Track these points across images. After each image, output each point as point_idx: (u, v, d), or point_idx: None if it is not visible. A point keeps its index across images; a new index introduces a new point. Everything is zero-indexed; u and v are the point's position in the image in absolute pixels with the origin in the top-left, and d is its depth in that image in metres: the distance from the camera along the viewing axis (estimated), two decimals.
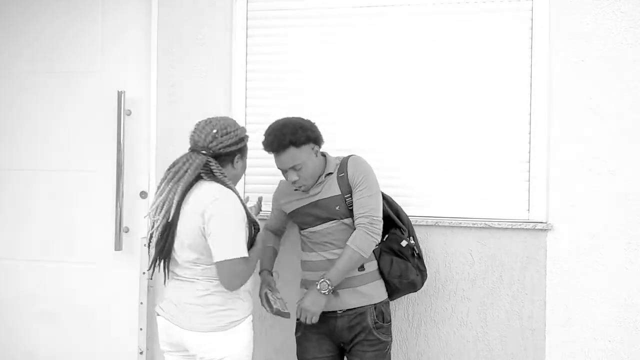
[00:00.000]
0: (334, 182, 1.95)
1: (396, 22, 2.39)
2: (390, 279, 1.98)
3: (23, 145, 2.69)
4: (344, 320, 1.91)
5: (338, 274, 1.86)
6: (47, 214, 2.66)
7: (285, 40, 2.48)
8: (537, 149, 2.27)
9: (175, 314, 1.74)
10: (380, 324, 1.92)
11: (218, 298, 1.71)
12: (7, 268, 2.71)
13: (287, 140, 1.86)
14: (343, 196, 1.91)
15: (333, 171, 1.96)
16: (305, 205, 1.98)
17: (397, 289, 2.01)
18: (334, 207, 1.92)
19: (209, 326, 1.69)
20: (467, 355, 2.31)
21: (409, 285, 2.02)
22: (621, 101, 2.20)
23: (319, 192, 1.96)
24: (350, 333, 1.91)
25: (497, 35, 2.31)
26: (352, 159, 1.97)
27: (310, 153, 1.91)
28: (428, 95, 2.36)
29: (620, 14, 2.20)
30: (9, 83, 2.70)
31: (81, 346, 2.63)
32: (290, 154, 1.87)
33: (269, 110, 2.49)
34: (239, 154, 1.80)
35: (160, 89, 2.52)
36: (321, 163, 1.97)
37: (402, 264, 1.98)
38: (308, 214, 1.98)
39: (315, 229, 1.97)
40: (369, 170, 1.96)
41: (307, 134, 1.89)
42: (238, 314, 1.73)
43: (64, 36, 2.64)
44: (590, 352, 2.23)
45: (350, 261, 1.87)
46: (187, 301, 1.72)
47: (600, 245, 2.21)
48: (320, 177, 1.96)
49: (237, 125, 1.80)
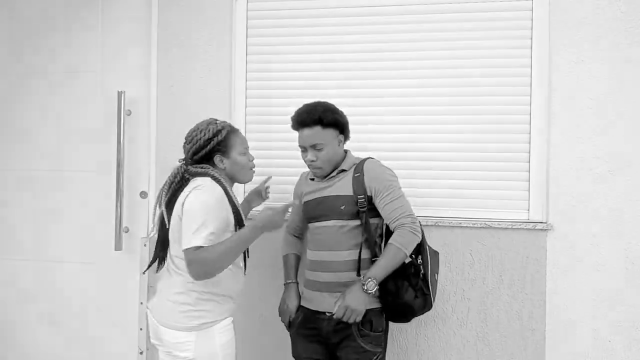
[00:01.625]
0: (347, 181, 1.92)
1: (396, 22, 2.39)
2: (385, 296, 1.84)
3: (23, 145, 2.68)
4: (330, 323, 1.87)
5: (382, 272, 1.79)
6: (47, 214, 2.66)
7: (285, 40, 2.48)
8: (537, 149, 2.27)
9: (155, 309, 1.79)
10: (366, 332, 1.84)
11: (190, 298, 1.72)
12: (7, 268, 2.70)
13: (316, 116, 1.90)
14: (355, 197, 1.88)
15: (348, 169, 1.95)
16: (315, 199, 1.97)
17: (390, 307, 1.86)
18: (339, 205, 1.89)
19: (181, 325, 1.71)
20: (467, 355, 2.31)
21: (404, 307, 1.84)
22: (621, 101, 2.20)
23: (329, 188, 1.95)
24: (336, 337, 1.87)
25: (497, 35, 2.31)
26: (370, 162, 1.95)
27: (334, 138, 1.93)
28: (428, 95, 2.36)
29: (620, 14, 2.20)
30: (9, 83, 2.70)
31: (81, 346, 2.63)
32: (316, 131, 1.90)
33: (269, 109, 2.50)
34: (217, 154, 1.81)
35: (160, 89, 2.52)
36: (341, 155, 1.97)
37: (398, 282, 1.83)
38: (315, 208, 1.97)
39: (317, 224, 1.96)
40: (389, 172, 1.94)
41: (336, 117, 1.92)
42: (210, 316, 1.74)
43: (64, 36, 2.64)
44: (590, 352, 2.23)
45: (395, 259, 1.81)
46: (167, 297, 1.76)
47: (600, 245, 2.21)
48: (334, 170, 1.96)
49: (206, 129, 1.81)
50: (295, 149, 2.46)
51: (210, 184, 1.72)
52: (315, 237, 1.97)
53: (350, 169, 1.95)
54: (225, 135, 1.81)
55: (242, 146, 1.86)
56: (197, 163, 1.81)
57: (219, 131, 1.81)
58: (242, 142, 1.88)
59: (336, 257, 1.89)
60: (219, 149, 1.80)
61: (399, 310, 1.86)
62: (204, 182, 1.72)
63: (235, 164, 1.83)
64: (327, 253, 1.91)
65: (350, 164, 1.96)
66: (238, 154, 1.84)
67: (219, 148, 1.80)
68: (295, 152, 2.46)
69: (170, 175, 1.81)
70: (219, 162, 1.81)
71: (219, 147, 1.80)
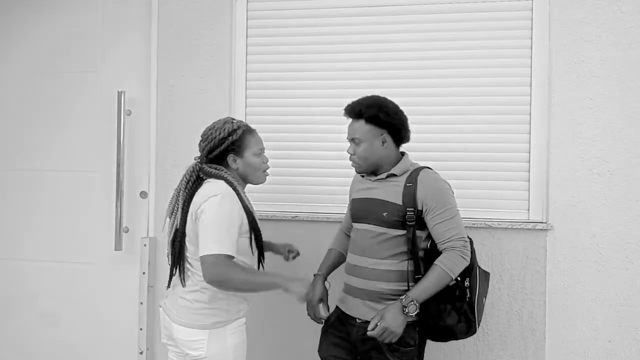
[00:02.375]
0: (397, 188, 1.78)
1: (396, 22, 2.39)
2: (425, 317, 1.73)
3: (23, 145, 2.68)
4: (359, 330, 1.78)
5: (424, 294, 1.68)
6: (47, 214, 2.66)
7: (285, 40, 2.48)
8: (537, 149, 2.27)
9: (170, 307, 1.79)
10: (396, 347, 1.71)
11: (206, 296, 1.72)
12: (8, 268, 2.71)
13: (358, 110, 1.80)
14: (404, 208, 1.74)
15: (399, 175, 1.81)
16: (362, 198, 1.87)
17: (430, 329, 1.76)
18: (381, 212, 1.77)
19: (194, 322, 1.71)
20: (467, 355, 2.31)
21: (445, 331, 1.74)
22: (621, 101, 2.20)
23: (376, 190, 1.83)
24: (363, 346, 1.78)
25: (497, 35, 2.31)
26: (425, 174, 1.79)
27: (375, 136, 1.80)
28: (428, 95, 2.36)
29: (620, 14, 2.20)
30: (10, 83, 2.70)
31: (81, 346, 2.63)
32: (357, 124, 1.81)
33: (269, 110, 2.50)
34: (231, 154, 1.79)
35: (160, 89, 2.52)
36: (387, 155, 1.82)
37: (441, 304, 1.72)
38: (358, 208, 1.87)
39: (357, 225, 1.86)
40: (446, 187, 1.79)
41: (381, 115, 1.78)
42: (224, 315, 1.73)
43: (64, 36, 2.64)
44: (590, 352, 2.23)
45: (439, 282, 1.69)
46: (180, 295, 1.76)
47: (600, 245, 2.21)
48: (382, 171, 1.83)
49: (222, 127, 1.79)
50: (294, 149, 2.47)
51: (226, 189, 1.70)
52: (354, 238, 1.88)
53: (402, 174, 1.81)
54: (240, 134, 1.79)
55: (257, 147, 1.82)
56: (212, 162, 1.79)
57: (234, 130, 1.78)
58: (257, 142, 1.84)
59: (369, 264, 1.79)
60: (233, 149, 1.78)
61: (439, 333, 1.77)
62: (219, 187, 1.70)
63: (249, 165, 1.81)
64: (360, 258, 1.81)
65: (402, 170, 1.82)
66: (252, 155, 1.81)
67: (233, 148, 1.78)
68: (295, 153, 2.47)
69: (186, 174, 1.78)
70: (232, 162, 1.79)
71: (233, 146, 1.78)
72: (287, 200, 2.47)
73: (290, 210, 2.46)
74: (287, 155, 2.46)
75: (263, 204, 2.49)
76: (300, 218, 2.41)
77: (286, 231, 2.42)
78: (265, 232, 2.42)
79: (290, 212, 2.45)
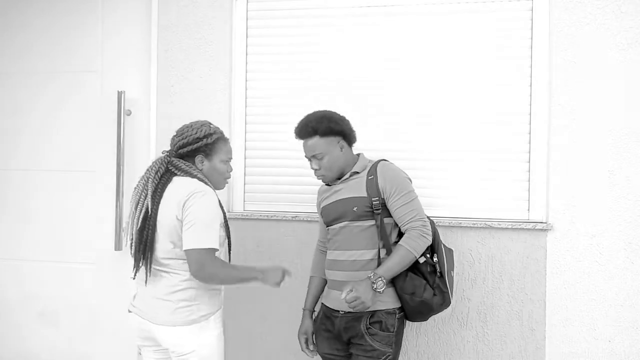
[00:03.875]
0: (361, 183, 1.94)
1: (396, 22, 2.39)
2: (402, 294, 1.88)
3: (23, 145, 2.69)
4: (342, 321, 1.92)
5: (389, 272, 1.83)
6: (47, 214, 2.66)
7: (285, 40, 2.48)
8: (537, 149, 2.27)
9: (145, 310, 1.79)
10: (375, 330, 1.86)
11: (188, 293, 1.74)
12: (8, 268, 2.71)
13: (310, 128, 1.94)
14: (370, 199, 1.89)
15: (360, 171, 1.96)
16: (331, 203, 1.99)
17: (409, 306, 1.89)
18: (351, 207, 1.91)
19: (180, 320, 1.73)
20: (467, 355, 2.31)
21: (422, 305, 1.88)
22: (621, 101, 2.20)
23: (342, 190, 1.96)
24: (347, 334, 1.91)
25: (497, 35, 2.31)
26: (383, 165, 1.96)
27: (333, 145, 1.94)
28: (428, 95, 2.36)
29: (620, 14, 2.20)
30: (9, 83, 2.70)
31: (81, 346, 2.63)
32: (313, 142, 1.94)
33: (269, 110, 2.50)
34: (200, 155, 1.83)
35: (160, 89, 2.52)
36: (346, 159, 1.97)
37: (416, 281, 1.88)
38: (330, 212, 1.99)
39: (333, 226, 1.97)
40: (402, 175, 1.95)
41: (331, 125, 1.94)
42: (207, 308, 1.77)
43: (64, 36, 2.64)
44: (590, 352, 2.23)
45: (403, 260, 1.84)
46: (158, 296, 1.76)
47: (600, 245, 2.21)
48: (345, 174, 1.97)
49: (199, 128, 1.84)
50: (294, 149, 2.47)
51: (206, 187, 1.76)
52: (332, 238, 1.99)
53: (363, 171, 1.96)
54: (215, 139, 1.85)
55: (226, 155, 1.89)
56: (180, 157, 1.84)
57: (210, 134, 1.85)
58: (228, 152, 1.90)
59: (350, 256, 1.91)
60: (204, 150, 1.84)
61: (418, 309, 1.89)
62: (201, 186, 1.75)
63: (214, 169, 1.86)
64: (341, 253, 1.93)
65: (362, 166, 1.98)
66: (220, 161, 1.87)
67: (204, 149, 1.84)
68: (295, 153, 2.46)
69: (154, 164, 1.81)
70: (199, 162, 1.84)
71: (205, 148, 1.84)
72: (287, 200, 2.47)
73: (291, 210, 2.46)
74: (287, 156, 2.47)
75: (263, 204, 2.49)
76: (300, 218, 2.41)
77: (286, 231, 2.43)
78: (266, 232, 2.44)
79: (290, 212, 2.45)
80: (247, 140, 2.51)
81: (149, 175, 1.79)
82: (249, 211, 2.50)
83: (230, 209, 2.49)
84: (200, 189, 1.73)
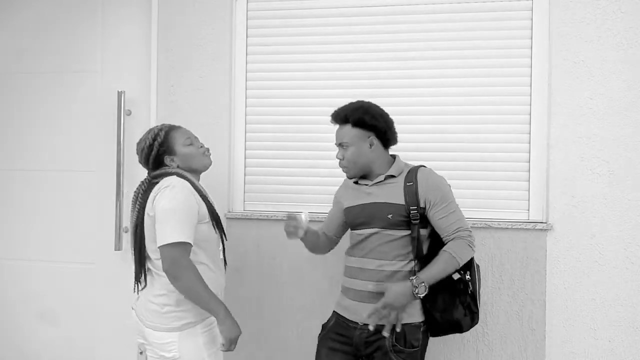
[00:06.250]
0: (398, 189, 1.81)
1: (396, 22, 2.39)
2: (433, 312, 1.77)
3: (23, 145, 2.69)
4: (362, 334, 1.78)
5: (432, 278, 1.71)
6: (47, 214, 2.66)
7: (285, 40, 2.48)
8: (537, 149, 2.27)
9: (139, 310, 1.81)
10: (400, 348, 1.73)
11: (171, 299, 1.74)
12: (7, 268, 2.71)
13: (343, 115, 1.84)
14: (407, 207, 1.77)
15: (397, 175, 1.84)
16: (360, 205, 1.86)
17: (438, 324, 1.79)
18: (385, 214, 1.78)
19: (164, 326, 1.73)
20: (467, 355, 2.31)
21: (452, 324, 1.78)
22: (621, 101, 2.20)
23: (377, 194, 1.83)
24: (367, 349, 1.78)
25: (497, 35, 2.31)
26: (423, 172, 1.83)
27: (363, 139, 1.82)
28: (428, 95, 2.36)
29: (620, 14, 2.20)
30: (10, 83, 2.70)
31: (81, 346, 2.63)
32: (344, 129, 1.84)
33: (268, 110, 2.50)
34: (165, 156, 1.85)
35: (160, 89, 2.52)
36: (376, 157, 1.84)
37: (447, 298, 1.77)
38: (359, 215, 1.86)
39: (360, 231, 1.85)
40: (445, 183, 1.84)
41: (365, 118, 1.82)
42: (191, 316, 1.75)
43: (64, 36, 2.64)
44: (590, 352, 2.23)
45: (447, 266, 1.73)
46: (149, 298, 1.78)
47: (600, 245, 2.21)
48: (374, 173, 1.86)
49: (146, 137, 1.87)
50: (294, 149, 2.47)
51: (178, 181, 1.75)
52: (357, 244, 1.86)
53: (399, 175, 1.84)
54: (164, 135, 1.86)
55: (183, 138, 1.88)
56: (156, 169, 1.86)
57: (157, 134, 1.86)
58: (183, 134, 1.89)
59: (379, 266, 1.79)
60: (164, 150, 1.85)
61: (446, 326, 1.80)
62: (171, 180, 1.76)
63: (184, 156, 1.86)
64: (370, 261, 1.81)
65: (399, 170, 1.85)
66: (182, 146, 1.86)
67: (163, 150, 1.85)
68: (294, 152, 2.47)
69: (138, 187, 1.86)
70: (170, 162, 1.85)
71: (163, 147, 1.85)
72: (287, 200, 2.47)
73: (290, 210, 2.46)
74: (287, 155, 2.47)
75: (263, 204, 2.49)
76: None
77: None
78: (266, 232, 2.44)
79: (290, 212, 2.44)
80: (247, 140, 2.51)
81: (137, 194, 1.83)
82: (249, 211, 2.50)
83: (230, 209, 2.49)
84: (167, 184, 1.73)
